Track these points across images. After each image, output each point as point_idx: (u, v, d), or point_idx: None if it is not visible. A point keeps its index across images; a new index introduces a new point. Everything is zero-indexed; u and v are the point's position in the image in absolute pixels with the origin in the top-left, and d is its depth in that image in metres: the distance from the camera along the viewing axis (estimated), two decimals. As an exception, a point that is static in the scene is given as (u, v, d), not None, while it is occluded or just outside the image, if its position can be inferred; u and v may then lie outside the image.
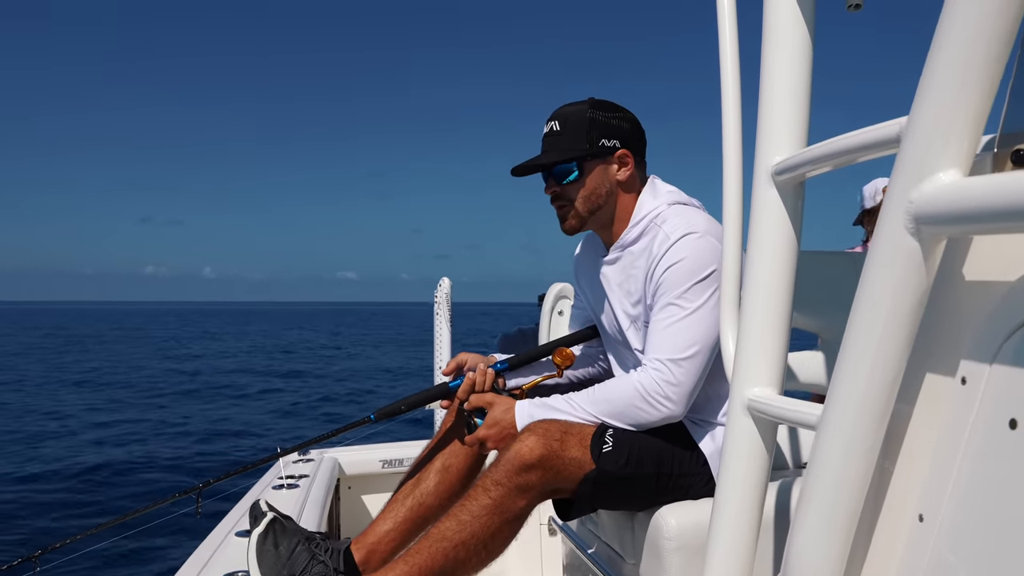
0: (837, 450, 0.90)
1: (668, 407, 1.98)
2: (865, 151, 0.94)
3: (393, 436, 4.19)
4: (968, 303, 0.87)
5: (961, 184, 0.76)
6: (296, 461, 3.43)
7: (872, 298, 0.85)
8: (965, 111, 0.76)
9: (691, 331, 1.98)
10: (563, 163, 2.13)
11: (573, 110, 2.15)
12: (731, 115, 1.33)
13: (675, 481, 2.05)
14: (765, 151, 1.14)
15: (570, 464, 1.95)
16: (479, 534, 1.91)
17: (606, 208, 2.18)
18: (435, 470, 2.29)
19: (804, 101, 1.12)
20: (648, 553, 2.01)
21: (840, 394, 0.89)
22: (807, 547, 0.95)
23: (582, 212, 2.18)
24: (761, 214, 1.16)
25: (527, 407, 2.09)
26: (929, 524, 0.86)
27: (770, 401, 1.13)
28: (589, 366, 2.55)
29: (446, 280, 4.67)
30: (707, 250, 2.00)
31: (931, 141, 0.78)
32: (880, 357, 0.85)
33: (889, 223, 0.82)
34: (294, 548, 1.87)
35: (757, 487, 1.19)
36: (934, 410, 0.89)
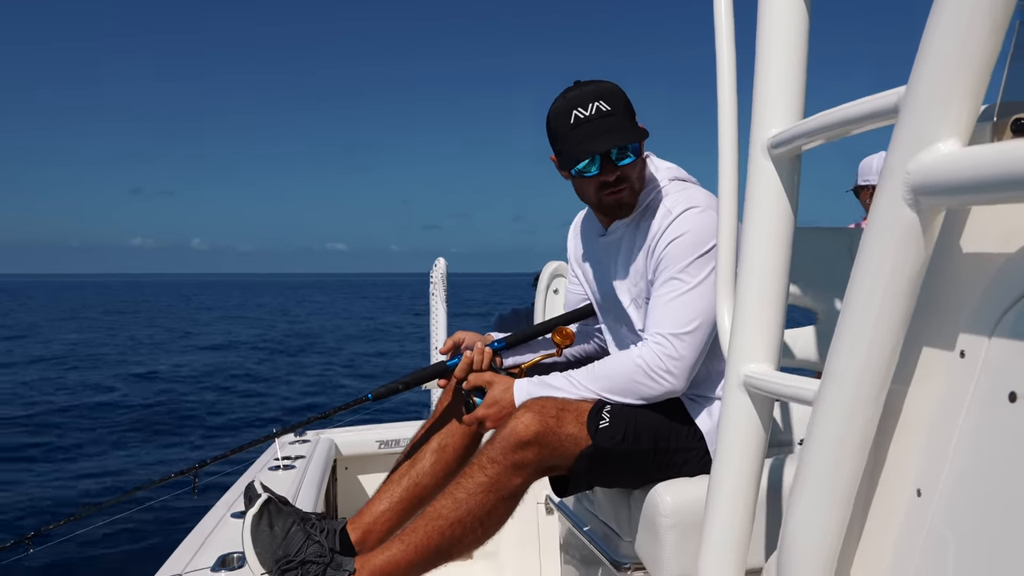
0: (834, 425, 0.90)
1: (670, 381, 1.97)
2: (862, 122, 0.93)
3: (389, 416, 4.19)
4: (966, 276, 0.86)
5: (960, 154, 0.75)
6: (292, 442, 3.43)
7: (869, 271, 0.84)
8: (964, 80, 0.75)
9: (693, 305, 1.97)
10: (636, 144, 2.05)
11: (609, 89, 2.06)
12: (726, 88, 1.32)
13: (671, 457, 2.05)
14: (760, 124, 1.12)
15: (566, 441, 1.95)
16: (475, 512, 1.91)
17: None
18: (431, 450, 2.29)
19: (800, 72, 1.10)
20: (644, 530, 2.01)
21: (837, 368, 0.89)
22: (804, 523, 0.94)
23: (637, 191, 2.12)
24: (757, 188, 1.14)
25: (526, 386, 2.09)
26: (927, 499, 0.86)
27: (766, 377, 1.12)
28: (586, 343, 2.55)
29: (441, 260, 4.66)
30: (709, 224, 1.98)
31: (929, 111, 0.77)
32: (878, 331, 0.85)
33: (886, 195, 0.81)
34: (289, 528, 1.87)
35: (753, 463, 1.18)
36: (932, 384, 0.88)
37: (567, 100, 2.05)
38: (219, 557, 1.98)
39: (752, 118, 1.14)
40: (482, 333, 2.44)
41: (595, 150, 2.00)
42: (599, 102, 2.02)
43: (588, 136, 2.01)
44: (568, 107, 2.04)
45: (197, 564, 1.96)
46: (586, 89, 2.05)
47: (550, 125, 2.10)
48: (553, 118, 2.08)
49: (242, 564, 1.90)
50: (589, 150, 2.01)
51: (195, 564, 1.97)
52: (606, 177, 2.05)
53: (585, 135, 2.02)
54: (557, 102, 2.08)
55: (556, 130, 2.08)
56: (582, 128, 2.02)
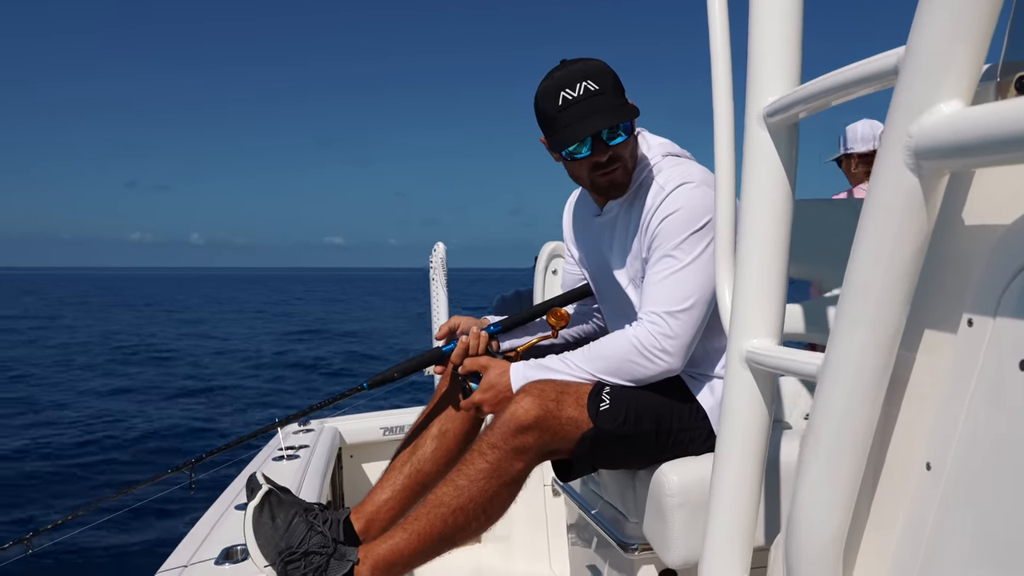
0: (840, 399, 0.87)
1: (666, 360, 1.95)
2: (861, 85, 0.90)
3: (393, 403, 4.18)
4: (972, 242, 0.84)
5: (963, 114, 0.72)
6: (296, 432, 3.42)
7: (872, 239, 0.82)
8: (966, 39, 0.72)
9: (688, 282, 1.94)
10: (627, 122, 2.00)
11: (597, 67, 2.00)
12: (720, 58, 1.29)
13: (675, 437, 2.02)
14: (756, 92, 1.09)
15: (567, 424, 1.93)
16: (477, 498, 1.89)
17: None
18: (432, 436, 2.27)
19: (795, 38, 1.08)
20: (651, 511, 2.00)
21: (842, 341, 0.86)
22: (812, 499, 0.92)
23: (630, 169, 2.08)
24: (754, 159, 1.12)
25: (522, 369, 2.06)
26: (937, 471, 0.84)
27: (769, 352, 1.10)
28: (583, 324, 2.52)
29: (441, 245, 4.64)
30: (702, 200, 1.95)
31: (931, 71, 0.74)
32: (882, 300, 0.82)
33: (887, 160, 0.79)
34: (291, 520, 1.86)
35: (758, 439, 1.17)
36: (939, 355, 0.86)
37: (554, 80, 2.00)
38: (223, 550, 1.96)
39: (747, 87, 1.11)
40: (470, 316, 2.42)
41: (586, 132, 1.95)
42: (587, 81, 1.97)
43: (578, 117, 1.96)
44: (556, 88, 1.99)
45: (201, 557, 1.95)
46: (573, 68, 1.99)
47: (538, 107, 2.05)
48: (541, 99, 2.03)
49: (246, 557, 1.89)
50: (580, 132, 1.96)
51: (199, 557, 1.96)
52: (598, 158, 2.01)
53: (574, 116, 1.97)
54: (544, 83, 2.02)
55: (544, 112, 2.03)
56: (571, 109, 1.97)
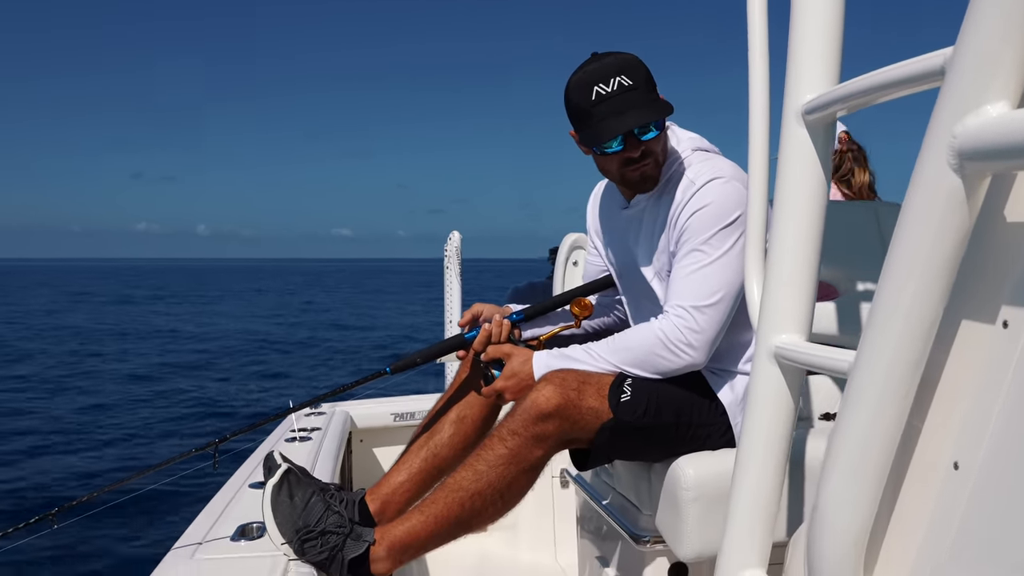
0: (870, 396, 0.88)
1: (690, 355, 1.95)
2: (905, 85, 0.90)
3: (405, 389, 4.20)
4: (1010, 244, 0.84)
5: (1010, 117, 0.72)
6: (308, 415, 3.43)
7: (911, 237, 0.82)
8: (1014, 41, 0.73)
9: (715, 278, 1.94)
10: (659, 120, 2.00)
11: (629, 61, 1.98)
12: (757, 54, 1.29)
13: (693, 431, 2.03)
14: (795, 89, 1.10)
15: (587, 414, 1.93)
16: (495, 484, 1.90)
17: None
18: (450, 421, 2.28)
19: (837, 36, 1.08)
20: (665, 504, 2.00)
21: (874, 338, 0.87)
22: (837, 495, 0.93)
23: (661, 163, 2.08)
24: (790, 156, 1.12)
25: (545, 358, 2.07)
26: (965, 472, 0.84)
27: (798, 348, 1.10)
28: (605, 316, 2.53)
29: (456, 234, 4.65)
30: (733, 195, 1.95)
31: (978, 73, 0.74)
32: (917, 299, 0.83)
33: (930, 160, 0.79)
34: (309, 499, 1.87)
35: (783, 435, 1.17)
36: (972, 355, 0.86)
37: (587, 74, 1.98)
38: (238, 527, 1.98)
39: (786, 84, 1.11)
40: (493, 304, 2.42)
41: (620, 129, 1.95)
42: (621, 76, 1.95)
43: (611, 113, 1.95)
44: (589, 82, 1.97)
45: (216, 534, 1.96)
46: (606, 62, 1.98)
47: (570, 100, 2.03)
48: (573, 92, 2.01)
49: (261, 534, 1.90)
50: (614, 128, 1.95)
51: (214, 534, 1.97)
52: (631, 153, 2.00)
53: (608, 112, 1.95)
54: (576, 75, 2.01)
55: (577, 106, 2.01)
56: (604, 104, 1.95)
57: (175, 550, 1.88)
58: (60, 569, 5.62)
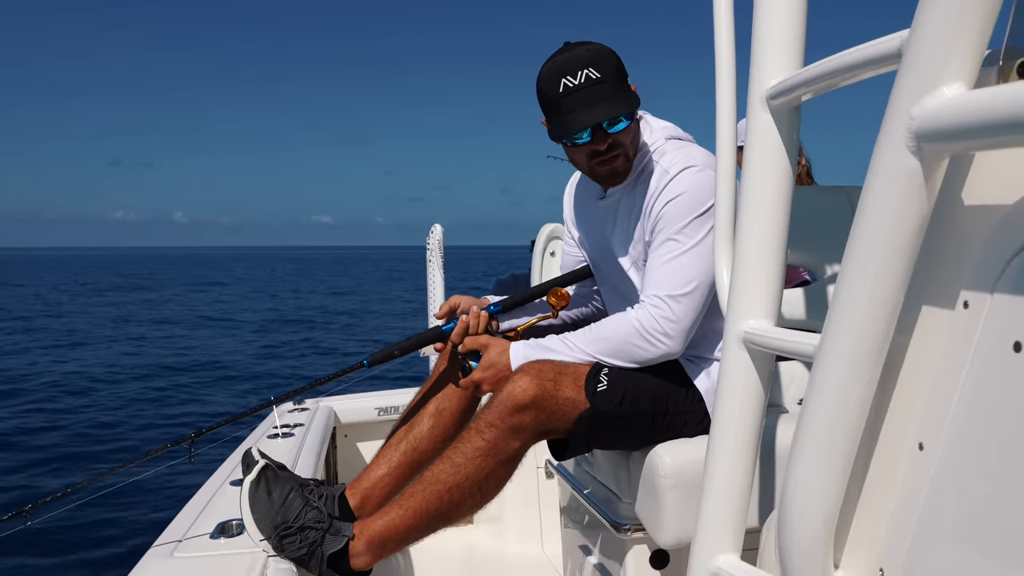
0: (835, 379, 0.88)
1: (666, 344, 1.95)
2: (864, 68, 0.90)
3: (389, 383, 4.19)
4: (969, 225, 0.85)
5: (966, 97, 0.72)
6: (292, 410, 3.43)
7: (871, 220, 0.82)
8: (969, 23, 0.73)
9: (690, 267, 1.94)
10: (628, 112, 1.99)
11: (599, 52, 1.97)
12: (723, 40, 1.29)
13: (670, 419, 2.04)
14: (759, 74, 1.10)
15: (564, 404, 1.94)
16: (473, 476, 1.90)
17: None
18: (428, 414, 2.28)
19: (800, 21, 1.08)
20: (644, 492, 2.01)
21: (838, 321, 0.87)
22: (805, 478, 0.93)
23: (631, 157, 2.07)
24: (756, 141, 1.12)
25: (522, 348, 2.07)
26: (930, 452, 0.84)
27: (766, 333, 1.10)
28: (583, 306, 2.53)
29: (438, 227, 4.65)
30: (706, 184, 1.95)
31: (934, 54, 0.75)
32: (880, 281, 0.83)
33: (888, 142, 0.79)
34: (287, 495, 1.87)
35: (753, 420, 1.17)
36: (935, 336, 0.87)
37: (555, 64, 1.98)
38: (218, 524, 1.97)
39: (751, 69, 1.11)
40: (470, 296, 2.42)
41: (587, 122, 1.94)
42: (588, 68, 1.94)
43: (578, 105, 1.94)
44: (557, 72, 1.96)
45: (196, 531, 1.96)
46: (575, 53, 1.97)
47: (540, 90, 2.02)
48: (542, 83, 2.00)
49: (241, 531, 1.90)
50: (582, 121, 1.94)
51: (194, 532, 1.96)
52: (597, 146, 2.00)
53: (575, 104, 1.95)
54: (546, 66, 2.00)
55: (546, 97, 2.01)
56: (572, 97, 1.95)
57: (155, 547, 1.88)
58: (34, 567, 5.55)
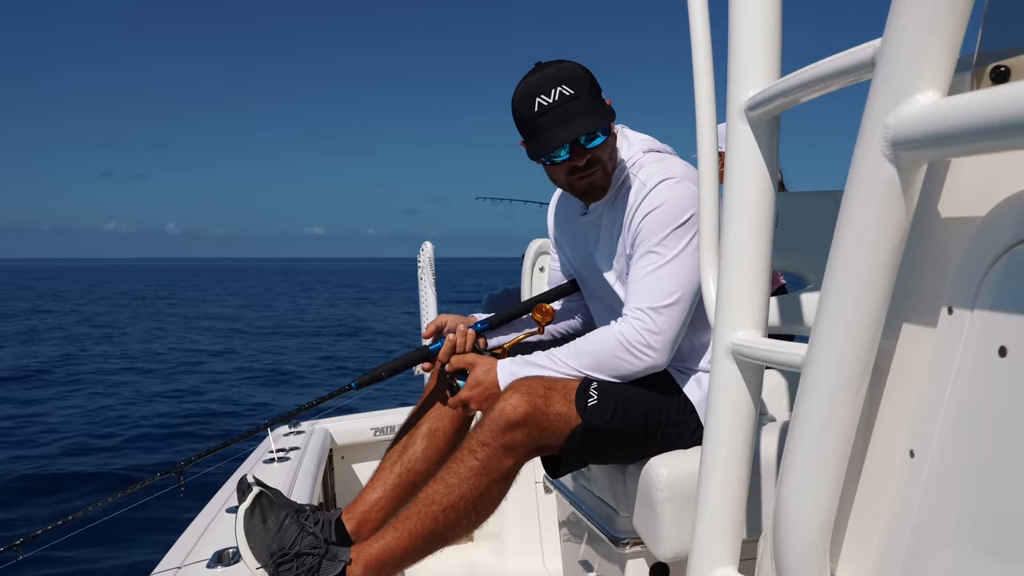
0: (823, 388, 0.88)
1: (651, 356, 1.95)
2: (838, 78, 0.91)
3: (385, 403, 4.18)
4: (950, 232, 0.85)
5: (940, 104, 0.73)
6: (287, 434, 3.42)
7: (852, 229, 0.82)
8: (941, 30, 0.73)
9: (672, 278, 1.94)
10: (605, 126, 1.99)
11: (571, 70, 1.98)
12: (701, 52, 1.29)
13: (663, 431, 2.03)
14: (737, 86, 1.10)
15: (556, 420, 1.93)
16: (468, 496, 1.90)
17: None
18: (421, 435, 2.27)
19: (775, 33, 1.08)
20: (641, 505, 2.00)
21: (824, 331, 0.87)
22: (798, 487, 0.93)
23: (609, 171, 2.08)
24: (736, 152, 1.12)
25: (509, 365, 2.07)
26: (920, 459, 0.84)
27: (754, 344, 1.10)
28: (570, 320, 2.53)
29: (428, 244, 4.64)
30: (685, 195, 1.96)
31: (907, 62, 0.75)
32: (863, 290, 0.83)
33: (865, 151, 0.79)
34: (283, 521, 1.85)
35: (745, 432, 1.17)
36: (921, 342, 0.87)
37: (529, 85, 1.98)
38: (215, 552, 1.96)
39: (728, 81, 1.12)
40: (457, 314, 2.42)
41: (564, 138, 1.94)
42: (561, 86, 1.95)
43: (554, 123, 1.95)
44: (530, 93, 1.97)
45: (193, 559, 1.95)
46: (547, 72, 1.98)
47: (515, 111, 2.03)
48: (517, 104, 2.01)
49: (238, 559, 1.89)
50: (557, 139, 1.95)
51: (191, 559, 1.95)
52: (576, 162, 2.00)
53: (551, 122, 1.95)
54: (519, 88, 2.01)
55: (521, 117, 2.01)
56: (547, 115, 1.95)
57: None
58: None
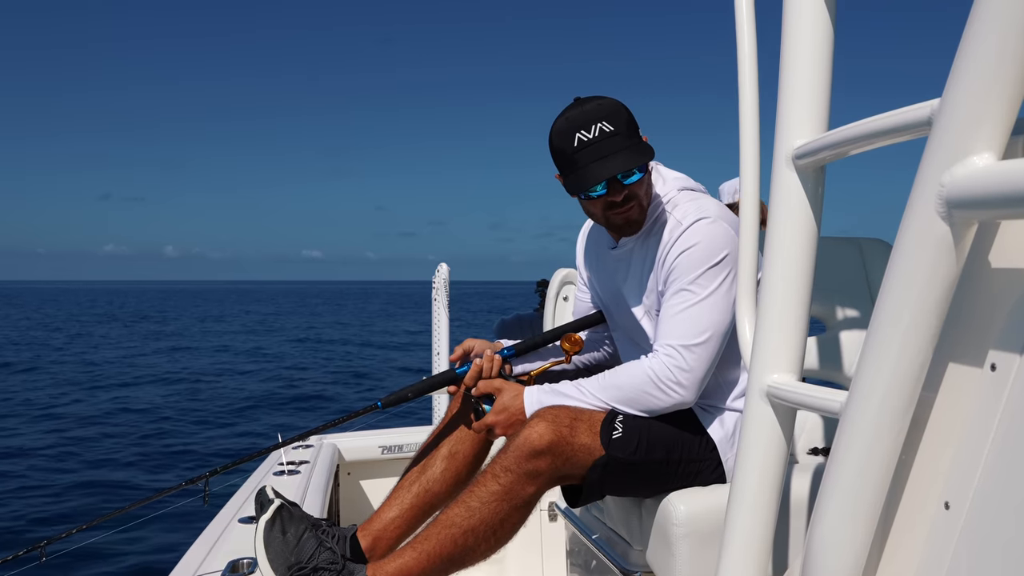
0: (862, 436, 0.90)
1: (679, 393, 1.97)
2: (892, 135, 0.93)
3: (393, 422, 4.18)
4: (997, 289, 0.87)
5: (995, 168, 0.75)
6: (296, 447, 3.42)
7: (901, 282, 0.84)
8: (1000, 93, 0.75)
9: (704, 317, 1.96)
10: (643, 164, 2.01)
11: (611, 107, 2.01)
12: (748, 97, 1.32)
13: (684, 467, 2.04)
14: (785, 134, 1.12)
15: (580, 450, 1.94)
16: (488, 520, 1.90)
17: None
18: (441, 456, 2.28)
19: (825, 83, 1.11)
20: (656, 539, 2.01)
21: (866, 379, 0.89)
22: (830, 533, 0.94)
23: (645, 207, 2.10)
24: (781, 199, 1.14)
25: (536, 393, 2.08)
26: (955, 511, 0.86)
27: (790, 387, 1.12)
28: (595, 351, 2.54)
29: (444, 266, 4.66)
30: (720, 235, 1.98)
31: (965, 124, 0.77)
32: (908, 343, 0.85)
33: (919, 208, 0.81)
34: (302, 535, 1.86)
35: (775, 474, 1.18)
36: (962, 397, 0.88)
37: (568, 121, 2.01)
38: (229, 563, 1.97)
39: (776, 128, 1.14)
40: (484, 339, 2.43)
41: (603, 175, 1.97)
42: (602, 122, 1.98)
43: (594, 159, 1.97)
44: (571, 128, 2.00)
45: (207, 569, 1.96)
46: (587, 108, 2.01)
47: (553, 146, 2.06)
48: (556, 138, 2.04)
49: (252, 570, 1.89)
50: (596, 175, 1.97)
51: (205, 569, 1.96)
52: (614, 198, 2.02)
53: (590, 158, 1.98)
54: (558, 122, 2.04)
55: (560, 152, 2.04)
56: (587, 151, 1.98)
57: None
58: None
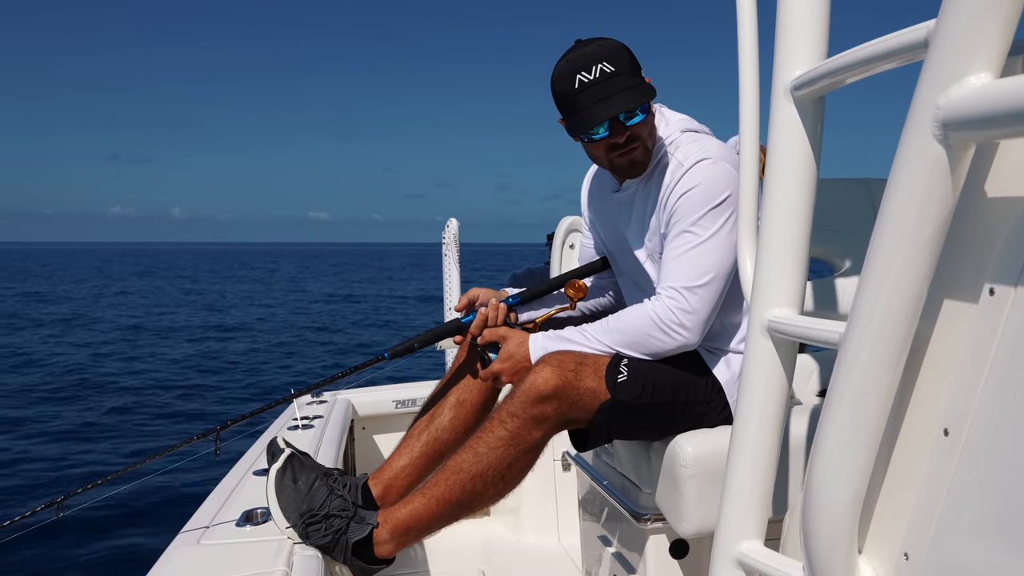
0: (860, 366, 0.89)
1: (683, 335, 1.97)
2: (889, 59, 0.91)
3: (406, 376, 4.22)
4: (996, 214, 0.86)
5: (992, 86, 0.74)
6: (310, 403, 3.46)
7: (898, 209, 0.83)
8: (996, 12, 0.74)
9: (706, 258, 1.95)
10: (645, 104, 2.00)
11: (611, 47, 1.99)
12: (747, 30, 1.30)
13: (691, 409, 2.05)
14: (783, 65, 1.11)
15: (585, 395, 1.95)
16: (496, 465, 1.92)
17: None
18: (449, 405, 2.30)
19: (824, 11, 1.09)
20: (664, 481, 2.02)
21: (864, 308, 0.88)
22: (831, 463, 0.94)
23: (649, 148, 2.09)
24: (780, 132, 1.13)
25: (541, 339, 2.09)
26: (955, 438, 0.85)
27: (790, 321, 1.12)
28: (600, 297, 2.54)
29: (454, 221, 4.67)
30: (721, 175, 1.96)
31: (961, 44, 0.76)
32: (905, 269, 0.84)
33: (914, 131, 0.80)
34: (312, 483, 1.89)
35: (777, 409, 1.18)
36: (960, 323, 0.88)
37: (569, 63, 2.00)
38: (243, 512, 2.00)
39: (775, 60, 1.13)
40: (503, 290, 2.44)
41: (603, 116, 1.96)
42: (602, 63, 1.96)
43: (595, 100, 1.96)
44: (571, 70, 1.98)
45: (222, 519, 1.98)
46: (588, 50, 1.99)
47: (555, 89, 2.04)
48: (557, 82, 2.02)
49: (266, 519, 1.92)
50: (598, 115, 1.96)
51: (220, 519, 1.99)
52: (616, 139, 2.01)
53: (592, 99, 1.97)
54: (559, 65, 2.02)
55: (561, 94, 2.03)
56: (587, 92, 1.97)
57: (182, 535, 1.91)
58: (66, 556, 5.70)
